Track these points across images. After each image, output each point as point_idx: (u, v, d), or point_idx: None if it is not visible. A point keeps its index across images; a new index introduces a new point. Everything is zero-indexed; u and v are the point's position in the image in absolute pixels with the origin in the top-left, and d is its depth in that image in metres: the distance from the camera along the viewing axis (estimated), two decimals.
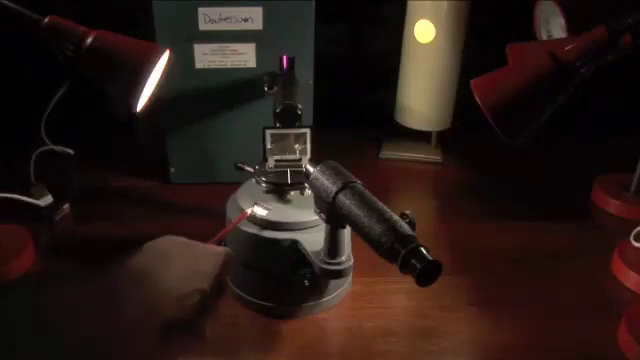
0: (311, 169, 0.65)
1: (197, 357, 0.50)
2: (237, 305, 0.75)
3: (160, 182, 1.04)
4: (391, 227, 0.55)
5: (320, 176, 0.63)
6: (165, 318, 0.47)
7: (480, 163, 1.18)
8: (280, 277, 0.72)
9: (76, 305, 0.44)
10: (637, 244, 0.84)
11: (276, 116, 0.77)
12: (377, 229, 0.55)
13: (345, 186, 0.61)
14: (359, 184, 0.62)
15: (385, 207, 0.58)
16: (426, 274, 0.52)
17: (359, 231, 0.58)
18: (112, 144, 1.18)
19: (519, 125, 0.73)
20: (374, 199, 0.59)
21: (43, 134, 0.87)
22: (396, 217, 0.57)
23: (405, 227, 0.55)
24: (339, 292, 0.77)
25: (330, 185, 0.62)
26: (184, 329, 0.49)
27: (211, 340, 0.51)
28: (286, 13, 0.93)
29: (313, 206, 0.66)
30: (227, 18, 0.92)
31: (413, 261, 0.52)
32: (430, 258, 0.52)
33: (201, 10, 0.91)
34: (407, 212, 0.57)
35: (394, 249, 0.54)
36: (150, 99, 0.76)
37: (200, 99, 0.97)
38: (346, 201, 0.60)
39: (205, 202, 0.96)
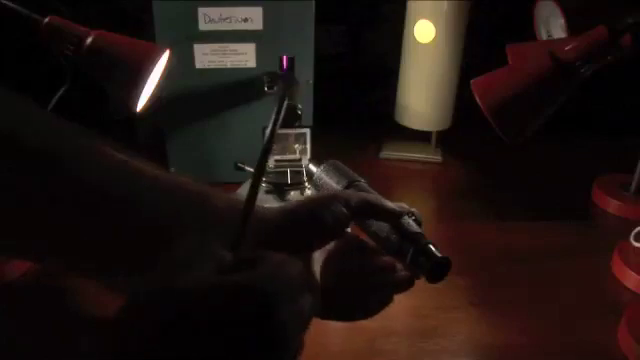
0: (314, 169, 0.65)
1: None
2: None
3: None
4: (399, 225, 0.55)
5: (324, 176, 0.63)
6: None
7: (480, 163, 1.18)
8: None
9: None
10: (637, 244, 0.84)
11: None
12: (385, 227, 0.55)
13: (350, 185, 0.61)
14: (363, 182, 0.62)
15: None
16: (436, 271, 0.52)
17: (367, 229, 0.58)
18: (112, 144, 1.17)
19: (519, 125, 0.73)
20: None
21: None
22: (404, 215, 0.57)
23: (413, 225, 0.55)
24: None
25: (334, 185, 0.62)
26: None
27: None
28: (286, 13, 0.93)
29: None
30: (227, 18, 0.92)
31: (422, 259, 0.52)
32: (439, 255, 0.53)
33: (201, 10, 0.91)
34: (413, 210, 0.57)
35: (403, 247, 0.54)
36: (150, 99, 0.76)
37: (200, 99, 0.97)
38: None
39: None
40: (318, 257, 0.49)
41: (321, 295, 0.47)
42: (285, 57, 0.93)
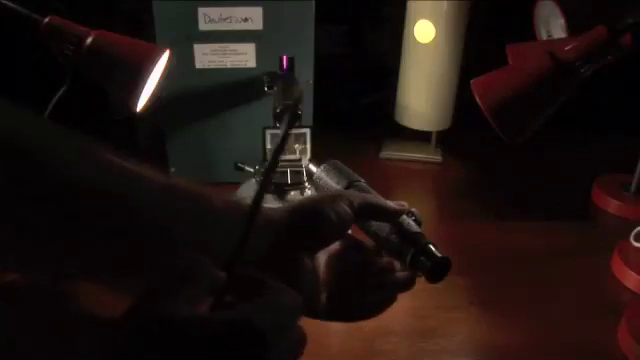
0: (314, 169, 0.65)
1: None
2: None
3: None
4: (399, 225, 0.55)
5: (324, 176, 0.63)
6: None
7: (480, 163, 1.18)
8: None
9: None
10: (637, 244, 0.84)
11: (276, 116, 0.77)
12: (385, 227, 0.55)
13: (350, 185, 0.61)
14: (363, 183, 0.62)
15: None
16: (436, 271, 0.52)
17: (366, 230, 0.58)
18: (112, 144, 1.17)
19: (519, 125, 0.73)
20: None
21: None
22: (403, 215, 0.57)
23: (413, 225, 0.55)
24: None
25: (335, 185, 0.62)
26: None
27: None
28: (286, 13, 0.93)
29: None
30: (227, 18, 0.92)
31: (423, 259, 0.52)
32: (439, 255, 0.53)
33: (201, 10, 0.91)
34: (412, 210, 0.57)
35: (403, 247, 0.54)
36: (150, 99, 0.77)
37: (200, 99, 0.97)
38: None
39: None
40: (321, 258, 0.49)
41: (324, 297, 0.47)
42: (285, 57, 0.92)
